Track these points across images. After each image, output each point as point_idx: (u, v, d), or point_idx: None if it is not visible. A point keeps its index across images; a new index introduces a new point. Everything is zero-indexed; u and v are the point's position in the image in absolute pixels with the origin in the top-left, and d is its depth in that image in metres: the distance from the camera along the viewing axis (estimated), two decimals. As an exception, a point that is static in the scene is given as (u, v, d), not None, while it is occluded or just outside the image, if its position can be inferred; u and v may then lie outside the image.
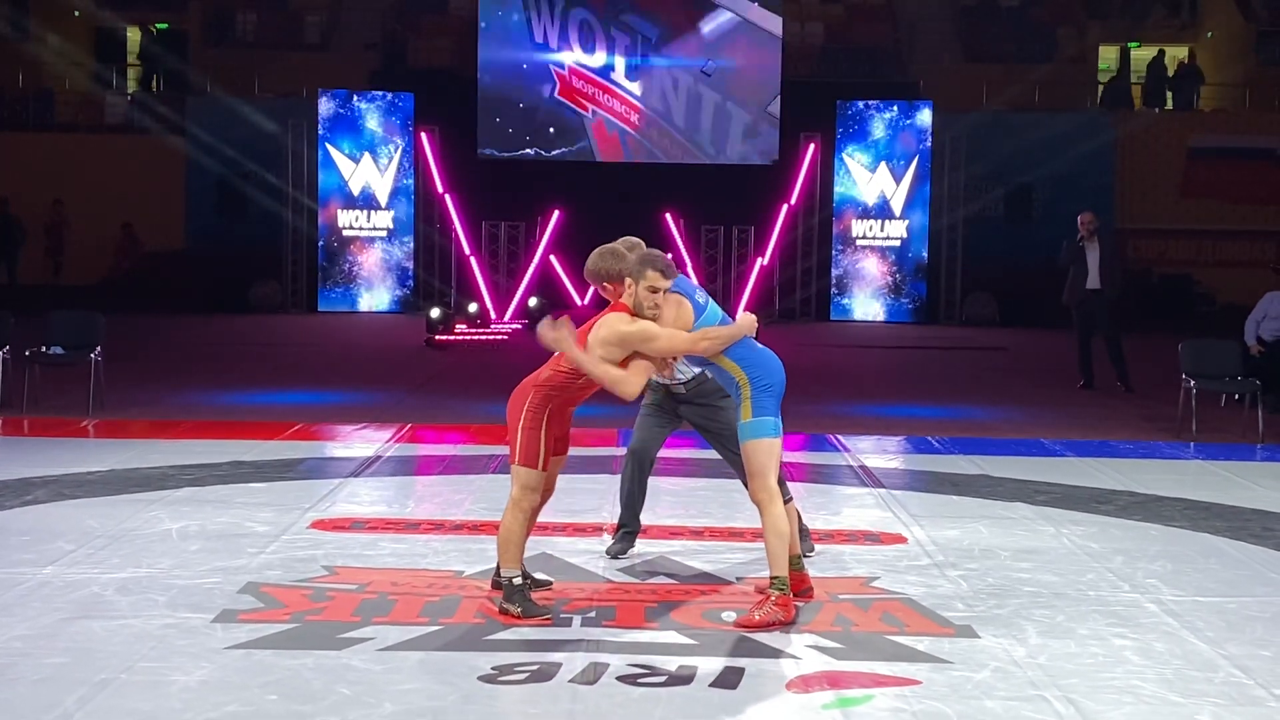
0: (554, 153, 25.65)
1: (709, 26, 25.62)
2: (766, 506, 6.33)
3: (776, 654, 5.85)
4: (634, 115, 25.62)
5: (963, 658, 5.84)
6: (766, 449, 6.34)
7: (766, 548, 6.35)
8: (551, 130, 25.70)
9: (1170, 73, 30.05)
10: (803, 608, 6.39)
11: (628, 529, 7.60)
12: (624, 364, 6.27)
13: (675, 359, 6.77)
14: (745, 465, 6.43)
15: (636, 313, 6.32)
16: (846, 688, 5.45)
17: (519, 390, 6.44)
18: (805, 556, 7.09)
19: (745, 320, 6.48)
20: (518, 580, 6.31)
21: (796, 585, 6.47)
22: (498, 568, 6.62)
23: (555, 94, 25.39)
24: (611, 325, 6.27)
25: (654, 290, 6.26)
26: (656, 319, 6.30)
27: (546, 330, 6.25)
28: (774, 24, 25.59)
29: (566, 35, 25.33)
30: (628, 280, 6.35)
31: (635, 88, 25.55)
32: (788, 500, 6.71)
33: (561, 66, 25.40)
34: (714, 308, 6.52)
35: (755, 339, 6.51)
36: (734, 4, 25.32)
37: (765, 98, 25.60)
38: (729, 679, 5.52)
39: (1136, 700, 5.37)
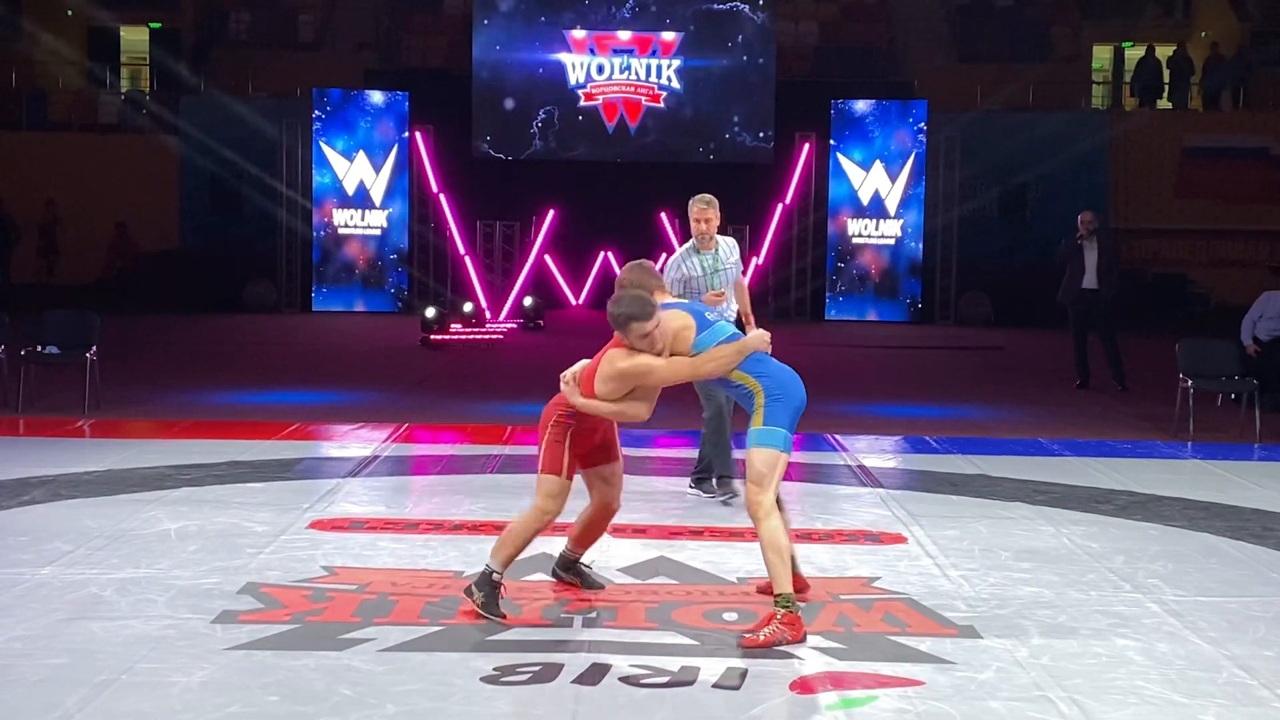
0: (552, 144, 25.66)
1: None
2: (760, 521, 6.07)
3: (779, 655, 5.82)
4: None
5: (965, 658, 5.82)
6: (770, 459, 6.11)
7: (765, 564, 6.15)
8: (549, 128, 25.69)
9: (1166, 72, 29.97)
10: (804, 608, 6.34)
11: (721, 474, 8.69)
12: (631, 394, 6.29)
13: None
14: (746, 471, 6.28)
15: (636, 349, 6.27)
16: (850, 688, 5.44)
17: (552, 405, 6.51)
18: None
19: (756, 336, 6.30)
20: (497, 576, 6.32)
21: (795, 586, 6.34)
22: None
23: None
24: (611, 361, 6.27)
25: (644, 335, 6.14)
26: (660, 354, 6.22)
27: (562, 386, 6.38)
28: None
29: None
30: (618, 335, 6.26)
31: (625, 76, 25.67)
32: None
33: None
34: (723, 325, 6.34)
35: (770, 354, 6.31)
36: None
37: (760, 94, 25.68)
38: (732, 680, 5.51)
39: (1141, 701, 5.36)
